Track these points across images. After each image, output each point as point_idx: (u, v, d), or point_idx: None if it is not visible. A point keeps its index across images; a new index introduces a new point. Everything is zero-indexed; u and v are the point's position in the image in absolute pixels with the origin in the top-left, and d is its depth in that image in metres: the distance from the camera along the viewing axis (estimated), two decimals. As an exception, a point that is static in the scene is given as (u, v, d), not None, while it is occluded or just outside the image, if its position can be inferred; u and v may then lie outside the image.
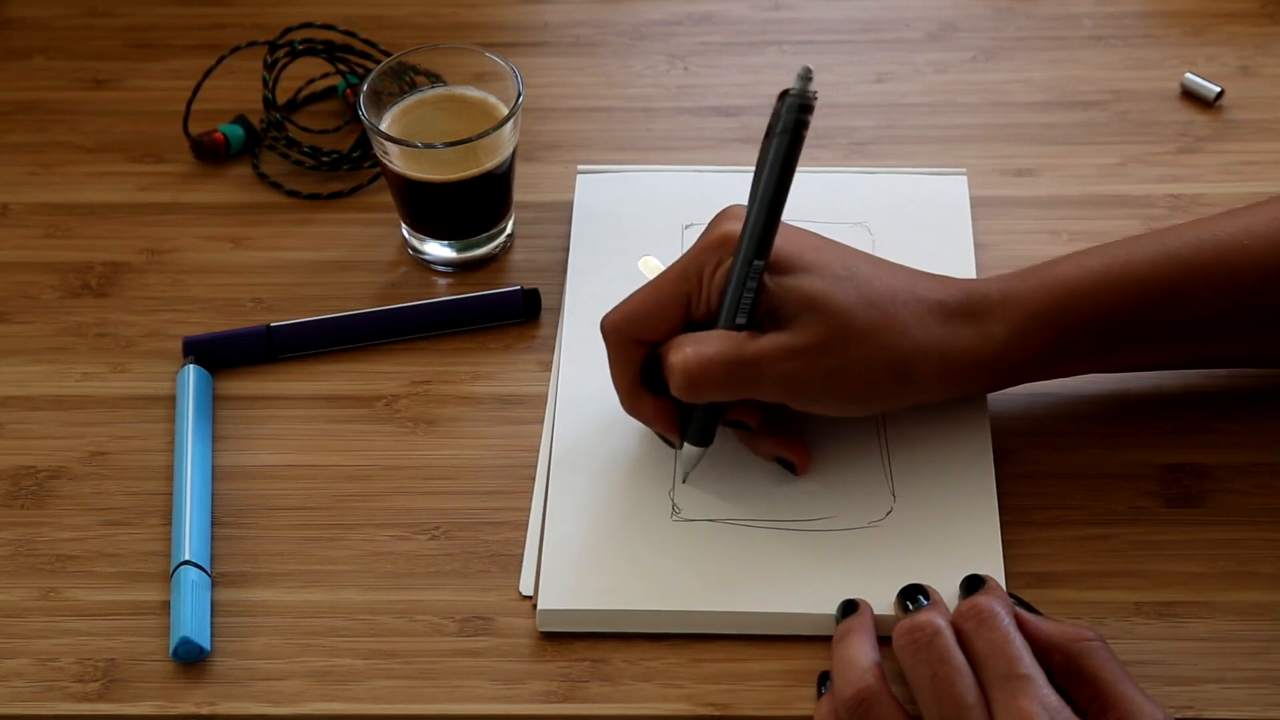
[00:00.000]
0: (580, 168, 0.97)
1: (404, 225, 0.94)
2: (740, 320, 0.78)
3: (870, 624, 0.76)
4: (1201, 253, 0.79)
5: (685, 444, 0.81)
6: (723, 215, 0.81)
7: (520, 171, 0.95)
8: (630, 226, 0.94)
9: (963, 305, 0.80)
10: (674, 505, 0.82)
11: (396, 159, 0.90)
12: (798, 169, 0.97)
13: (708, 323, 0.79)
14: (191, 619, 0.78)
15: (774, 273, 0.78)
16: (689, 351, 0.78)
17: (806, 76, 0.76)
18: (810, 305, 0.77)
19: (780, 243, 0.78)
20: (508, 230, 0.95)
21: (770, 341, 0.78)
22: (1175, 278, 0.79)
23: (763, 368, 0.77)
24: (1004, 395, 0.86)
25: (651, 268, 0.90)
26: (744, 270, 0.77)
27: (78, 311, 0.93)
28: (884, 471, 0.83)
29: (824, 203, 0.94)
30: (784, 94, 0.77)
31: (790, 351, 0.77)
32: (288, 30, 1.01)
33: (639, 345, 0.80)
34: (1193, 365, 0.84)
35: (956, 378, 0.80)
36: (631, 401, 0.82)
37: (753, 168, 0.97)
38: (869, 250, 0.92)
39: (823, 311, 0.77)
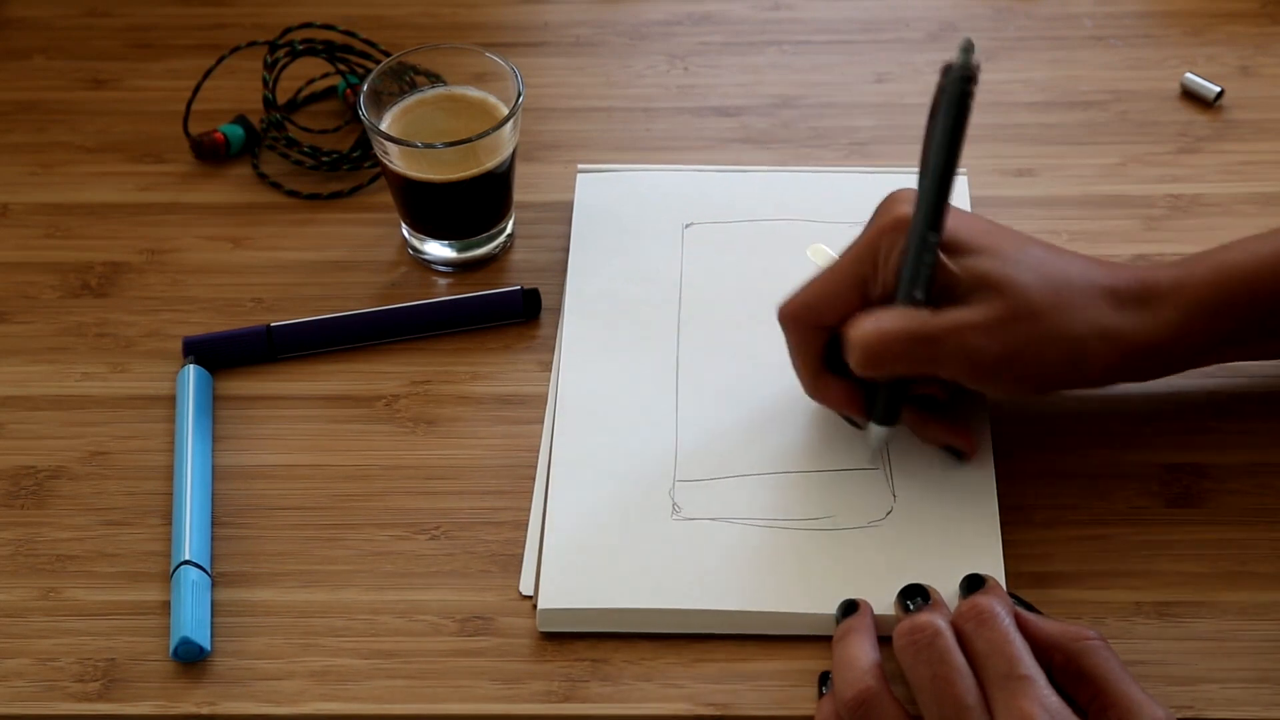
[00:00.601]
0: (580, 167, 0.97)
1: (404, 225, 0.94)
2: (918, 295, 0.78)
3: (870, 624, 0.76)
4: None
5: (871, 424, 0.81)
6: (892, 199, 0.81)
7: (520, 171, 0.95)
8: (630, 226, 0.94)
9: (1135, 291, 0.80)
10: (674, 504, 0.82)
11: (396, 159, 0.90)
12: (795, 169, 0.97)
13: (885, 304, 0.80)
14: (191, 619, 0.78)
15: (949, 253, 0.78)
16: (868, 326, 0.78)
17: (969, 49, 0.76)
18: (988, 283, 0.78)
19: (952, 225, 0.79)
20: (508, 230, 0.95)
21: (951, 316, 0.78)
22: None
23: (943, 341, 0.78)
24: (1004, 395, 0.86)
25: (821, 255, 0.90)
26: (919, 244, 0.78)
27: (78, 311, 0.93)
28: (884, 471, 0.83)
29: (824, 203, 0.94)
30: (947, 67, 0.77)
31: (971, 326, 0.77)
32: (288, 30, 1.01)
33: (819, 330, 0.81)
34: None
35: (1129, 363, 0.80)
36: (816, 386, 0.82)
37: (753, 168, 0.97)
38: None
39: (1001, 290, 0.78)
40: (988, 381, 0.80)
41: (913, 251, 0.78)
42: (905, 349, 0.78)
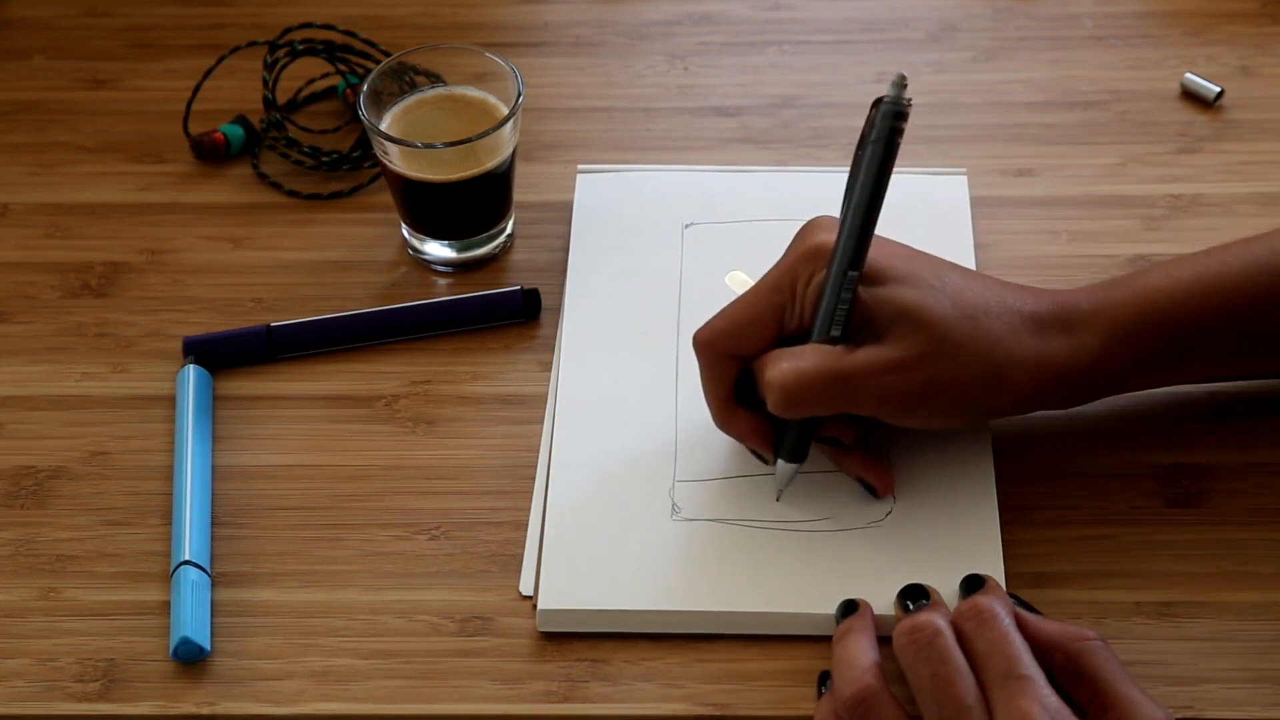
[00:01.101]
0: (580, 168, 0.97)
1: (404, 225, 0.94)
2: (835, 332, 0.77)
3: (870, 624, 0.76)
4: None
5: (779, 461, 0.81)
6: (812, 226, 0.80)
7: (520, 171, 0.95)
8: (630, 226, 0.94)
9: (1055, 316, 0.79)
10: (674, 505, 0.82)
11: (396, 159, 0.90)
12: (794, 169, 0.97)
13: (800, 336, 0.79)
14: (191, 619, 0.78)
15: (866, 283, 0.78)
16: (786, 367, 0.77)
17: (901, 84, 0.75)
18: (905, 316, 0.77)
19: (870, 253, 0.78)
20: (508, 230, 0.95)
21: (868, 355, 0.77)
22: (1266, 286, 0.79)
23: (860, 381, 0.77)
24: (1004, 395, 0.86)
25: (739, 282, 0.90)
26: (839, 281, 0.77)
27: (78, 311, 0.93)
28: (884, 471, 0.83)
29: (824, 204, 0.94)
30: (878, 102, 0.76)
31: (889, 364, 0.77)
32: (288, 30, 1.01)
33: (733, 360, 0.80)
34: None
35: (1050, 389, 0.79)
36: (725, 418, 0.81)
37: (754, 168, 0.97)
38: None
39: (919, 322, 0.77)
40: (908, 417, 0.79)
41: (831, 289, 0.77)
42: (823, 390, 0.77)
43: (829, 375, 0.77)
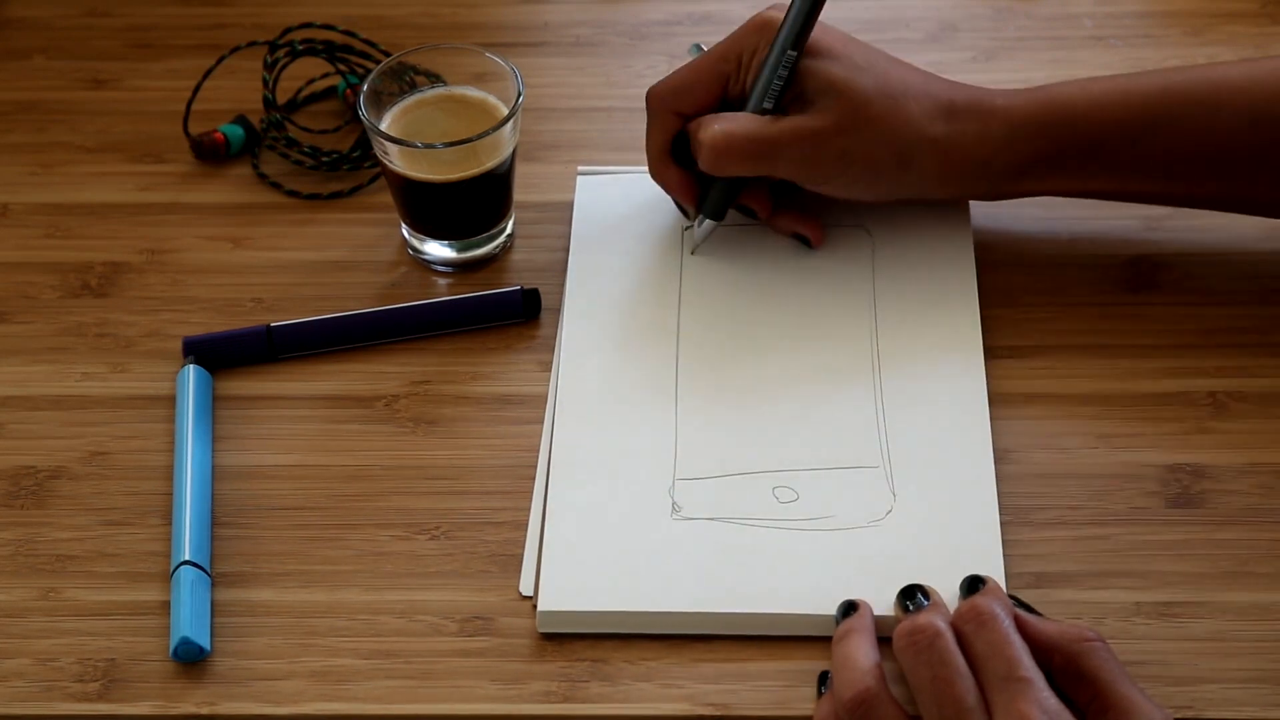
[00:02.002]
0: (580, 168, 0.97)
1: (404, 225, 0.94)
2: (767, 105, 0.86)
3: (870, 624, 0.76)
4: (1197, 89, 0.86)
5: (700, 217, 0.90)
6: (768, 6, 0.87)
7: (520, 171, 0.95)
8: (630, 226, 0.94)
9: (969, 107, 0.86)
10: (674, 503, 0.82)
11: (396, 159, 0.90)
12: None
13: (739, 103, 0.87)
14: (191, 619, 0.78)
15: (804, 57, 0.85)
16: (716, 128, 0.85)
17: None
18: (831, 89, 0.85)
19: (814, 32, 0.85)
20: (508, 230, 0.95)
21: (791, 123, 0.85)
22: (1166, 108, 0.85)
23: (782, 147, 0.85)
24: (1003, 395, 0.86)
25: (698, 52, 0.94)
26: (778, 58, 0.85)
27: (78, 311, 0.93)
28: (884, 471, 0.83)
29: (823, 204, 0.94)
30: None
31: (809, 133, 0.85)
32: (288, 30, 1.01)
33: (675, 116, 0.88)
34: (1181, 202, 0.89)
35: (954, 172, 0.86)
36: (659, 168, 0.90)
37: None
38: (869, 256, 0.92)
39: (840, 96, 0.84)
40: (821, 184, 0.87)
41: (770, 64, 0.85)
42: (746, 151, 0.85)
43: (754, 139, 0.85)
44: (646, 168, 0.97)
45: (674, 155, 0.90)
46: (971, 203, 0.94)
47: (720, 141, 0.85)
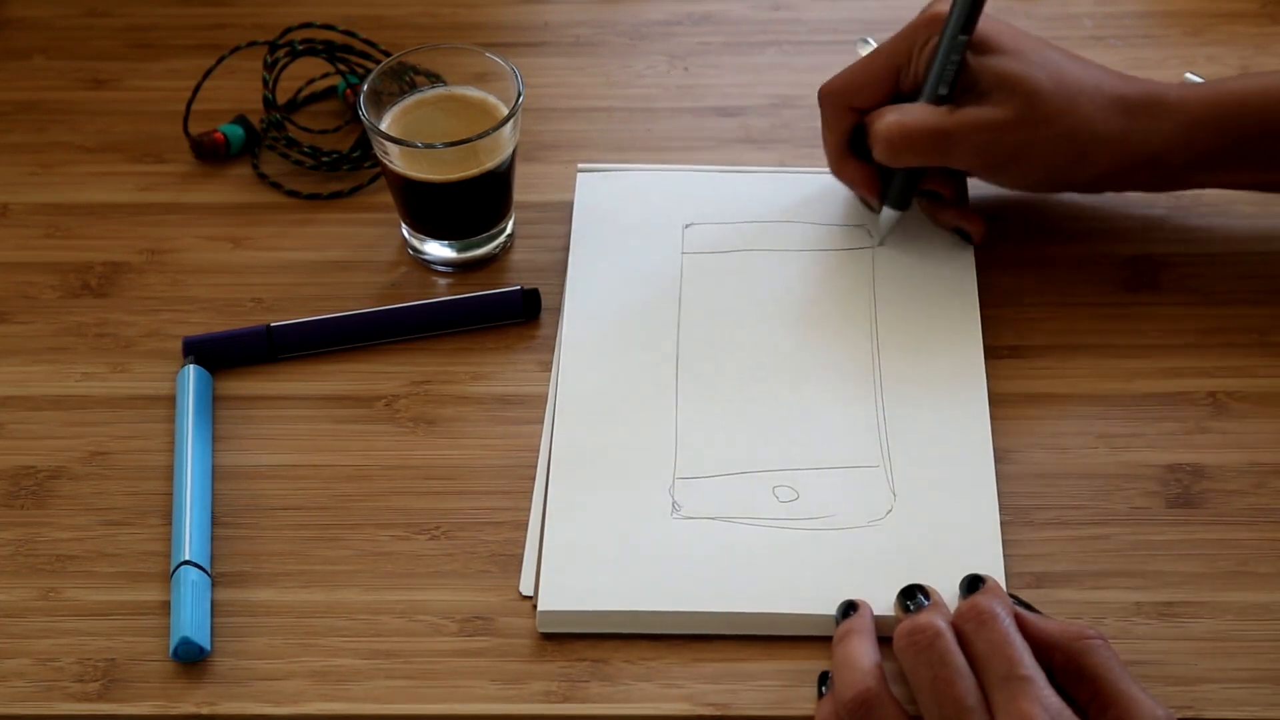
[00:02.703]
0: (580, 167, 0.97)
1: (404, 225, 0.94)
2: (942, 91, 0.87)
3: (870, 624, 0.76)
4: None
5: (884, 208, 0.90)
6: (934, 1, 0.88)
7: (520, 171, 0.95)
8: (630, 226, 0.94)
9: (1143, 102, 0.87)
10: (674, 503, 0.82)
11: (396, 159, 0.90)
12: (794, 169, 0.97)
13: (913, 96, 0.88)
14: (191, 619, 0.78)
15: (976, 53, 0.86)
16: (892, 119, 0.87)
17: None
18: (1006, 84, 0.85)
19: (984, 26, 0.86)
20: (508, 230, 0.95)
21: (967, 114, 0.86)
22: None
23: (958, 137, 0.86)
24: (1003, 395, 0.86)
25: (867, 48, 0.95)
26: (950, 44, 0.86)
27: (78, 311, 0.93)
28: (884, 471, 0.83)
29: (824, 204, 0.94)
30: None
31: (984, 124, 0.86)
32: (288, 30, 1.01)
33: (850, 111, 0.90)
34: None
35: (1129, 169, 0.87)
36: (838, 164, 0.91)
37: (754, 168, 0.98)
38: (869, 256, 0.92)
39: (1016, 90, 0.85)
40: (996, 174, 0.89)
41: (943, 50, 0.86)
42: (923, 142, 0.86)
43: (931, 129, 0.86)
44: (648, 164, 0.97)
45: (853, 149, 0.91)
46: (971, 203, 0.94)
47: (896, 133, 0.86)
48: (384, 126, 0.92)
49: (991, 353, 0.88)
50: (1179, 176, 0.89)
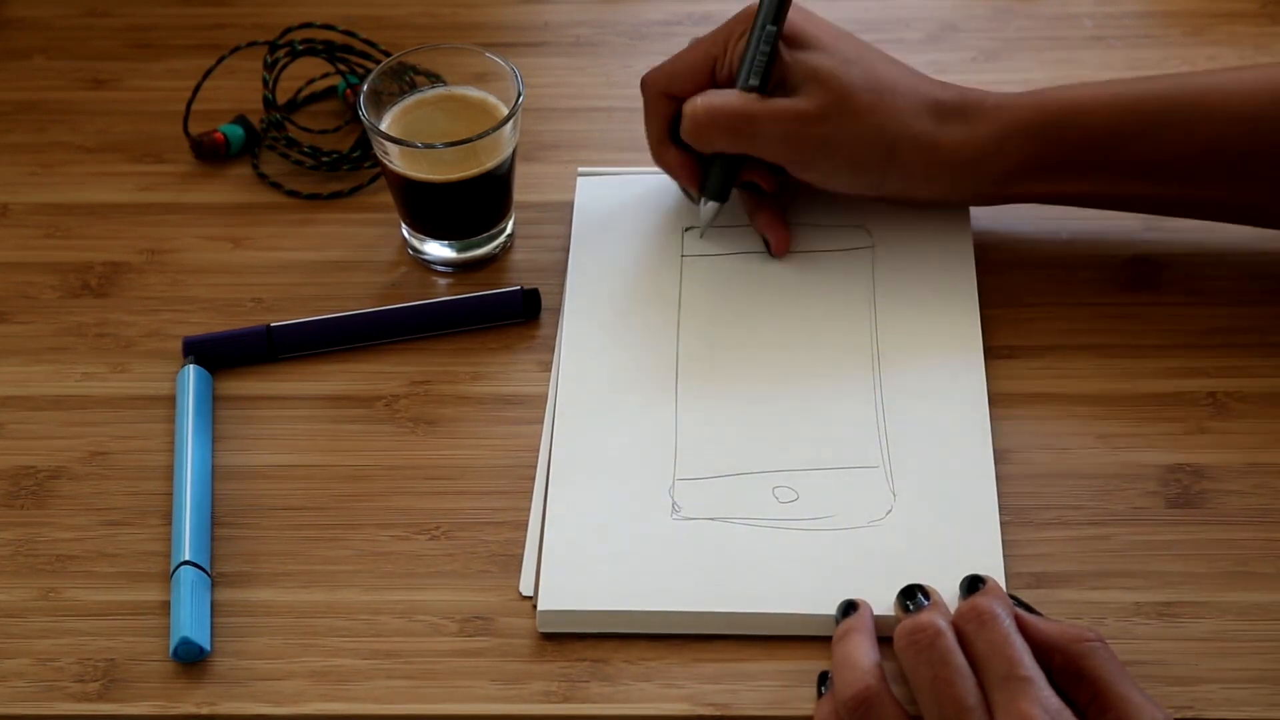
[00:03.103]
0: (580, 169, 0.97)
1: (404, 225, 0.94)
2: (754, 82, 0.87)
3: (870, 624, 0.76)
4: (1185, 94, 0.85)
5: (703, 199, 0.90)
6: None
7: (520, 171, 0.95)
8: (630, 227, 0.94)
9: (956, 106, 0.87)
10: (674, 503, 0.82)
11: (396, 159, 0.90)
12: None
13: (730, 87, 0.88)
14: (191, 619, 0.78)
15: (792, 47, 0.87)
16: (700, 101, 0.88)
17: None
18: (817, 78, 0.86)
19: (802, 23, 0.88)
20: (508, 230, 0.95)
21: (774, 103, 0.86)
22: (1156, 112, 0.85)
23: (763, 123, 0.86)
24: (1003, 395, 0.86)
25: None
26: (760, 35, 0.87)
27: (78, 311, 0.93)
28: (884, 471, 0.83)
29: (823, 204, 0.94)
30: None
31: (790, 113, 0.86)
32: (288, 30, 1.01)
33: (669, 100, 0.90)
34: (1171, 209, 0.89)
35: (938, 172, 0.87)
36: (659, 150, 0.92)
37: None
38: (869, 256, 0.92)
39: (826, 85, 0.86)
40: (804, 169, 0.88)
41: (753, 42, 0.87)
42: (728, 124, 0.87)
43: (735, 111, 0.87)
44: (647, 166, 0.97)
45: (674, 140, 0.91)
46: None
47: (701, 113, 0.87)
48: (384, 126, 0.92)
49: (991, 353, 0.88)
50: (992, 186, 0.88)
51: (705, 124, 0.87)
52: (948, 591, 0.77)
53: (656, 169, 0.97)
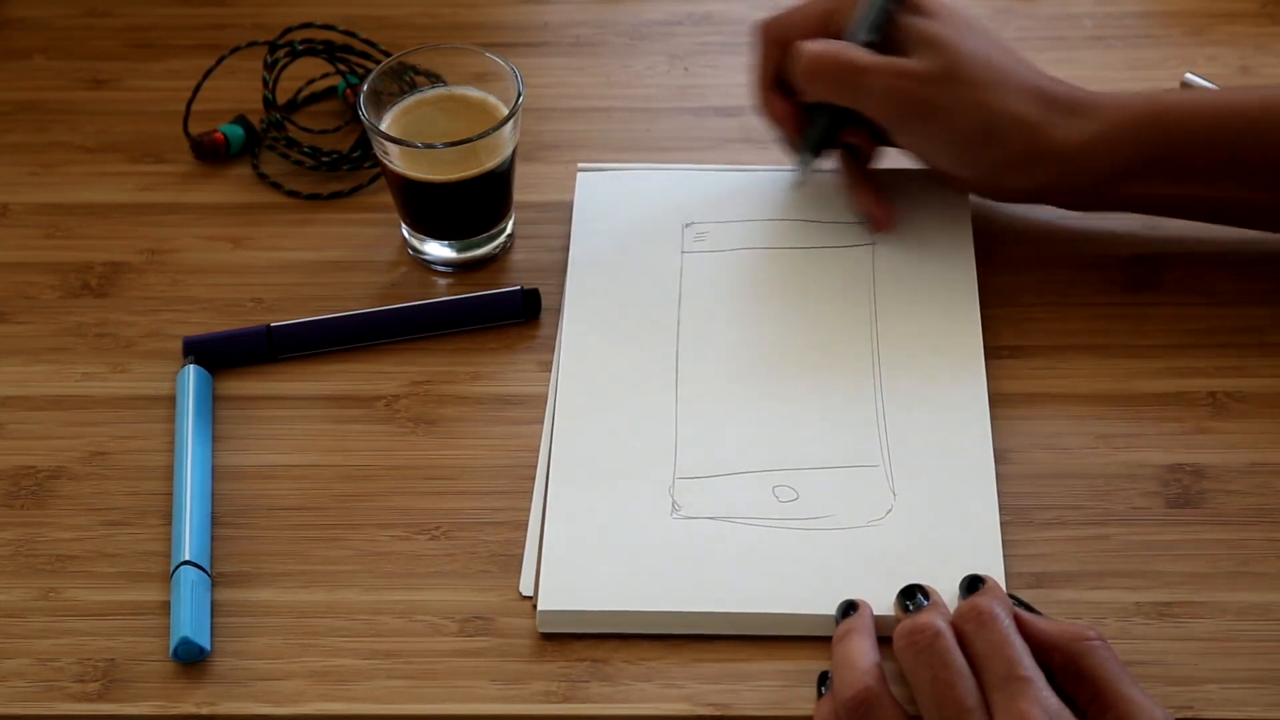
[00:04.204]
0: (580, 166, 0.97)
1: (404, 225, 0.94)
2: (866, 37, 0.87)
3: (870, 624, 0.76)
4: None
5: (802, 152, 0.91)
6: None
7: (520, 171, 0.95)
8: (630, 226, 0.94)
9: (1066, 100, 0.86)
10: (674, 503, 0.82)
11: (396, 159, 0.90)
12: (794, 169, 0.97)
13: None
14: (191, 619, 0.78)
15: (913, 12, 0.87)
16: (812, 45, 0.88)
17: None
18: (930, 43, 0.86)
19: None
20: (508, 230, 0.95)
21: (885, 59, 0.87)
22: (1267, 117, 0.85)
23: (871, 75, 0.86)
24: (1003, 395, 0.86)
25: None
26: None
27: (78, 311, 0.93)
28: (884, 470, 0.83)
29: (824, 202, 0.94)
30: None
31: (899, 71, 0.86)
32: (288, 30, 1.01)
33: (779, 46, 0.90)
34: (1266, 219, 0.89)
35: (1037, 160, 0.86)
36: (764, 98, 0.92)
37: (754, 168, 0.97)
38: (869, 255, 0.92)
39: (939, 51, 0.86)
40: (903, 130, 0.88)
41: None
42: (837, 72, 0.87)
43: (847, 60, 0.87)
44: (646, 167, 0.97)
45: (780, 88, 0.91)
46: (971, 202, 0.94)
47: (811, 57, 0.87)
48: (384, 126, 0.92)
49: (991, 353, 0.88)
50: (1092, 184, 0.88)
51: (813, 69, 0.87)
52: (947, 591, 0.77)
53: (657, 165, 0.97)
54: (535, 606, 0.79)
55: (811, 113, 0.90)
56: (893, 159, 0.93)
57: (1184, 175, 0.86)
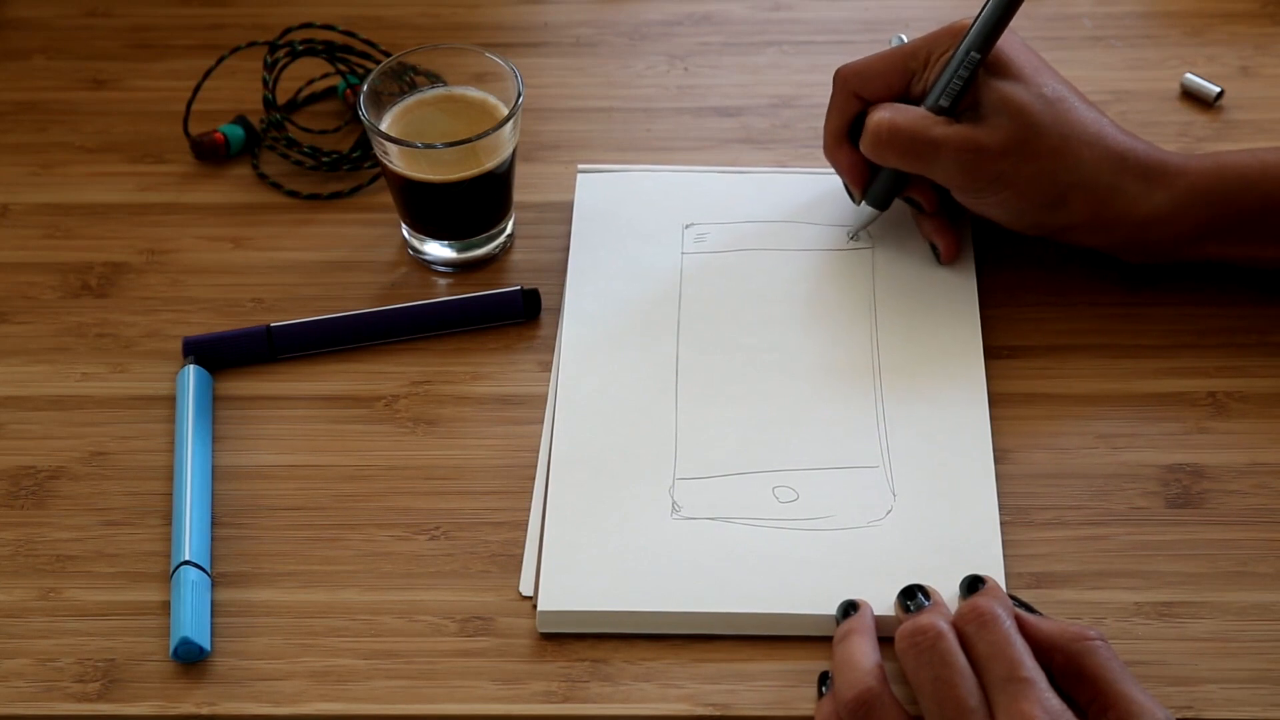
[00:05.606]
0: (580, 167, 0.97)
1: (404, 225, 0.94)
2: (944, 103, 0.86)
3: (871, 624, 0.76)
4: None
5: (863, 203, 0.90)
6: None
7: (520, 171, 0.95)
8: (630, 226, 0.94)
9: (1140, 163, 0.85)
10: (674, 503, 0.82)
11: (396, 159, 0.90)
12: (795, 169, 0.97)
13: (920, 102, 0.87)
14: (191, 619, 0.78)
15: (990, 73, 0.86)
16: (885, 115, 0.87)
17: None
18: (1007, 110, 0.85)
19: (1008, 50, 0.86)
20: (508, 230, 0.95)
21: (957, 130, 0.85)
22: None
23: (942, 150, 0.85)
24: (1003, 395, 0.86)
25: (898, 41, 0.96)
26: (961, 59, 0.85)
27: (78, 311, 0.93)
28: (884, 471, 0.83)
29: (824, 204, 0.94)
30: None
31: (972, 144, 0.85)
32: (288, 30, 1.01)
33: (855, 99, 0.89)
34: None
35: (1106, 224, 0.86)
36: (833, 147, 0.91)
37: (754, 168, 0.98)
38: (869, 256, 0.92)
39: (1015, 119, 0.84)
40: (974, 199, 0.87)
41: (954, 63, 0.85)
42: (908, 145, 0.86)
43: (918, 133, 0.86)
44: (645, 168, 0.97)
45: (850, 137, 0.90)
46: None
47: (884, 129, 0.86)
48: (384, 127, 0.92)
49: (991, 353, 0.88)
50: (1161, 248, 0.87)
51: (886, 141, 0.86)
52: (948, 592, 0.77)
53: (657, 166, 0.97)
54: (535, 606, 0.79)
55: (877, 167, 0.89)
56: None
57: (1251, 237, 0.86)
